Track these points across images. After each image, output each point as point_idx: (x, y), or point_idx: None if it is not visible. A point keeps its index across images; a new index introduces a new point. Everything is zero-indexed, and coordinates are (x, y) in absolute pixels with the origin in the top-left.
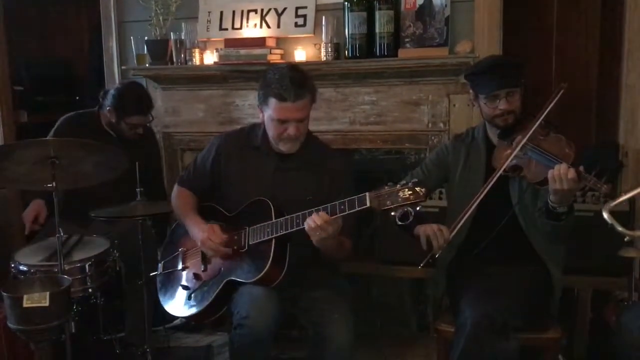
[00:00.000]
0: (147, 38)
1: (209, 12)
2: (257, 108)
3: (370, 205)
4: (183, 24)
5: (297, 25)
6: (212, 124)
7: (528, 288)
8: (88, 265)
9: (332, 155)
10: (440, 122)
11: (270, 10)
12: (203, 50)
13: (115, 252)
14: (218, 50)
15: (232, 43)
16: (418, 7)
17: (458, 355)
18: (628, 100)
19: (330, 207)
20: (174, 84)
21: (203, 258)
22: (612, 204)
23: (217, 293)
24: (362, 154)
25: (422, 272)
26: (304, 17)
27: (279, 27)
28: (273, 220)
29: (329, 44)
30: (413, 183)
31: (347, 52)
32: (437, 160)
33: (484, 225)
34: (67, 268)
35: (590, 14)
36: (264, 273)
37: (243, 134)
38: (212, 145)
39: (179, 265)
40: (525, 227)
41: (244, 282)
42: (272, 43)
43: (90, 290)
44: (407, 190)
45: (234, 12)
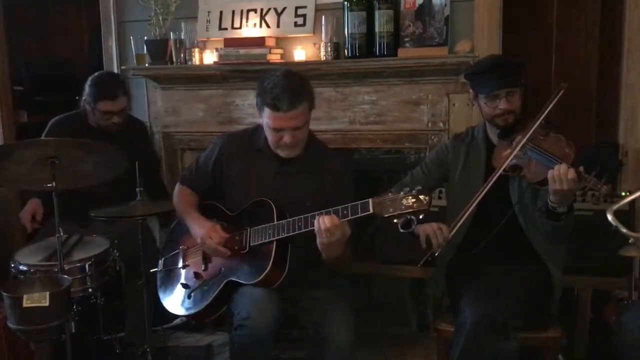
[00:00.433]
0: (146, 38)
1: (209, 11)
2: (256, 109)
3: (374, 212)
4: (183, 24)
5: (296, 25)
6: (211, 124)
7: (528, 288)
8: (88, 265)
9: (331, 156)
10: (440, 121)
11: (270, 10)
12: (203, 50)
13: (115, 252)
14: (218, 50)
15: (231, 43)
16: (418, 6)
17: (458, 355)
18: (628, 100)
19: (333, 211)
20: (174, 84)
21: (204, 257)
22: (615, 206)
23: (217, 293)
24: (362, 154)
25: (422, 272)
26: (304, 16)
27: (279, 26)
28: (275, 222)
29: (329, 44)
30: (417, 190)
31: (346, 51)
32: (437, 160)
33: (484, 225)
34: (67, 268)
35: (590, 13)
36: (265, 275)
37: (246, 135)
38: (215, 145)
39: (180, 263)
40: (525, 226)
41: (245, 283)
42: (271, 43)
43: (90, 290)
44: (410, 198)
45: (234, 11)
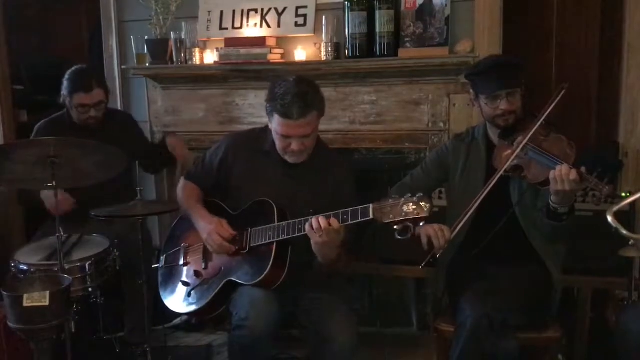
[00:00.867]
0: (147, 37)
1: (209, 11)
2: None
3: (374, 217)
4: (183, 24)
5: (297, 25)
6: (212, 124)
7: (528, 287)
8: (88, 265)
9: (336, 163)
10: (441, 121)
11: (271, 10)
12: (203, 50)
13: (115, 251)
14: (218, 50)
15: (232, 42)
16: (418, 6)
17: (458, 355)
18: (628, 100)
19: (334, 215)
20: (174, 84)
21: (204, 256)
22: (615, 208)
23: (216, 292)
24: (362, 154)
25: (422, 271)
26: (304, 16)
27: (279, 26)
28: (276, 224)
29: (329, 44)
30: (418, 197)
31: (347, 51)
32: (437, 160)
33: (484, 225)
34: (67, 267)
35: (591, 14)
36: (264, 276)
37: (253, 136)
38: (221, 144)
39: (181, 261)
40: (526, 227)
41: (244, 284)
42: (272, 43)
43: (90, 290)
44: (411, 205)
45: (234, 11)
